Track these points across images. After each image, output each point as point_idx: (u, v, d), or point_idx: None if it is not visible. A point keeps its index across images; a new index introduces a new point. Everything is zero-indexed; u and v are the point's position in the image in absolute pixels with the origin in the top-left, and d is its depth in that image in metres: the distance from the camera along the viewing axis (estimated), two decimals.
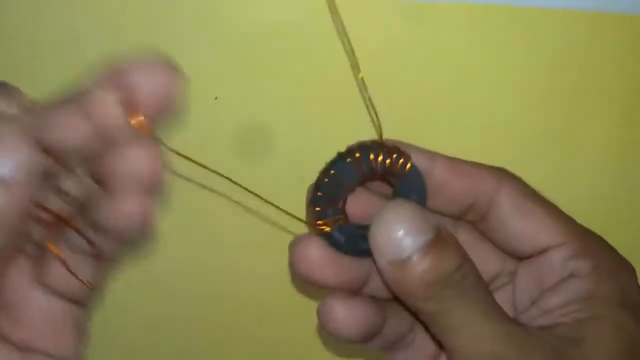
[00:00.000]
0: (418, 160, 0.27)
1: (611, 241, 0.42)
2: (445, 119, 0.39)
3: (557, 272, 0.27)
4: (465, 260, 0.25)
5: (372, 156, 0.26)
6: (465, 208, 0.28)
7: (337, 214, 0.27)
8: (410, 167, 0.26)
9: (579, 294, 0.26)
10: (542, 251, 0.27)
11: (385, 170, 0.26)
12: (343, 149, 0.39)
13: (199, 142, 0.38)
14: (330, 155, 0.39)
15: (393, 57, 0.37)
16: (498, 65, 0.38)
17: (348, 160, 0.26)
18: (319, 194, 0.26)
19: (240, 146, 0.38)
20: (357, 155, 0.26)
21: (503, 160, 0.40)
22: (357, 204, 0.28)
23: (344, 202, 0.27)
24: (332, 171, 0.26)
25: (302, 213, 0.40)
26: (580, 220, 0.36)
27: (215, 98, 0.37)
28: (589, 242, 0.27)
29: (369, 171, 0.26)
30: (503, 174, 0.28)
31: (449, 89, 0.38)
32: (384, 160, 0.26)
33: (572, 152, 0.40)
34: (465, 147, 0.39)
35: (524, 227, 0.27)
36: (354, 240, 0.26)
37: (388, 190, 0.28)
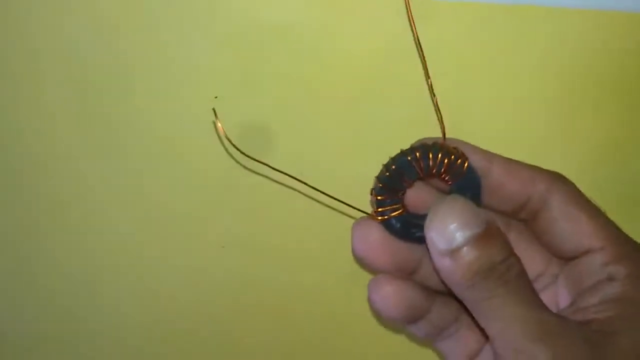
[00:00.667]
0: (476, 160, 0.29)
1: None
2: (446, 119, 0.39)
3: (595, 274, 0.28)
4: (510, 254, 0.27)
5: (431, 155, 0.28)
6: (518, 207, 0.30)
7: (395, 203, 0.29)
8: (467, 166, 0.29)
9: (613, 296, 0.27)
10: (584, 254, 0.29)
11: (444, 169, 0.29)
12: (342, 149, 0.39)
13: (199, 142, 0.38)
14: (330, 155, 0.39)
15: (393, 57, 0.37)
16: (498, 64, 0.38)
17: (409, 157, 0.29)
18: (379, 185, 0.29)
19: (240, 146, 0.38)
20: (418, 154, 0.28)
21: None
22: (417, 196, 0.31)
23: (403, 194, 0.30)
24: (393, 166, 0.29)
25: (303, 212, 0.40)
26: None
27: (215, 98, 0.37)
28: (627, 248, 0.29)
29: (427, 169, 0.29)
30: (556, 178, 0.30)
31: (449, 89, 0.38)
32: (442, 160, 0.29)
33: (572, 151, 0.40)
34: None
35: (569, 230, 0.29)
36: (408, 228, 0.29)
37: (446, 186, 0.30)
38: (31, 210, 0.38)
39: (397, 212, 0.29)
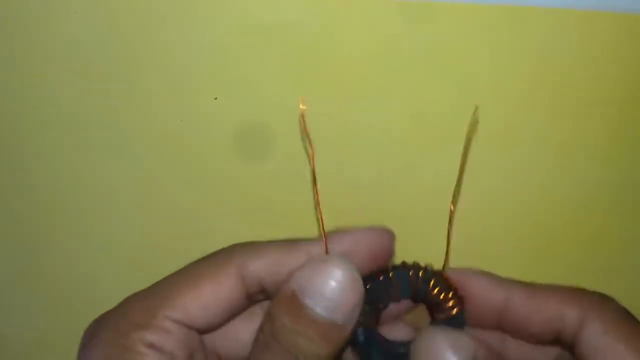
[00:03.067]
0: (492, 295, 0.27)
1: (611, 242, 0.42)
2: (445, 119, 0.39)
3: None
4: None
5: (432, 284, 0.27)
6: (550, 340, 0.27)
7: (368, 319, 0.27)
8: (458, 312, 0.27)
9: None
10: None
11: (435, 301, 0.27)
12: (342, 149, 0.39)
13: (199, 142, 0.38)
14: (330, 155, 0.39)
15: (393, 57, 0.37)
16: (497, 65, 0.38)
17: (402, 274, 0.27)
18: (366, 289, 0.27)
19: (240, 146, 0.38)
20: (410, 275, 0.27)
21: (503, 159, 0.40)
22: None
23: (385, 307, 0.28)
24: (369, 287, 0.27)
25: (303, 213, 0.40)
26: (578, 220, 0.35)
27: (215, 98, 0.37)
28: None
29: (419, 294, 0.27)
30: (589, 303, 0.27)
31: (448, 90, 0.38)
32: (437, 293, 0.27)
33: (571, 151, 0.40)
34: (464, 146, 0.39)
35: None
36: (371, 345, 0.27)
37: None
38: (33, 209, 0.38)
39: (364, 326, 0.27)
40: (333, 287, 0.24)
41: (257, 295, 0.27)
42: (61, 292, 0.40)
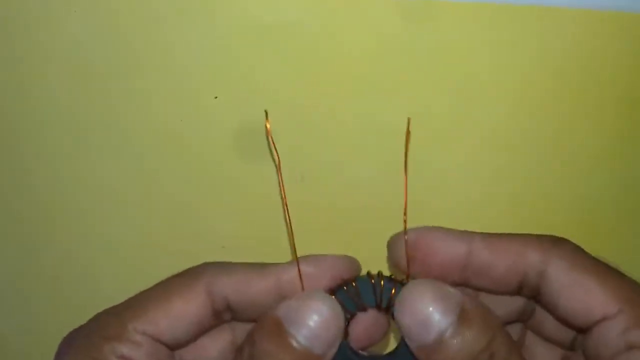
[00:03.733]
0: (453, 245, 0.27)
1: (611, 242, 0.42)
2: (445, 118, 0.39)
3: (613, 346, 0.25)
4: (494, 335, 0.25)
5: (393, 293, 0.27)
6: (515, 287, 0.27)
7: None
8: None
9: None
10: (599, 322, 0.25)
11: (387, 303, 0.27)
12: (342, 149, 0.39)
13: (199, 142, 0.38)
14: (330, 155, 0.39)
15: (393, 57, 0.37)
16: (498, 64, 0.38)
17: (349, 290, 0.27)
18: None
19: (240, 146, 0.38)
20: (373, 283, 0.27)
21: (502, 159, 0.40)
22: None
23: (351, 318, 0.28)
24: (334, 297, 0.27)
25: (301, 213, 0.40)
26: (579, 220, 0.35)
27: (215, 98, 0.37)
28: None
29: (382, 304, 0.27)
30: (549, 244, 0.27)
31: (448, 88, 0.38)
32: (387, 295, 0.27)
33: (572, 151, 0.40)
34: (465, 146, 0.39)
35: (574, 301, 0.26)
36: (342, 356, 0.27)
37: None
38: (33, 209, 0.38)
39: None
40: (316, 320, 0.25)
41: (224, 313, 0.28)
42: (61, 292, 0.40)
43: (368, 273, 0.28)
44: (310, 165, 0.38)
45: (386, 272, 0.28)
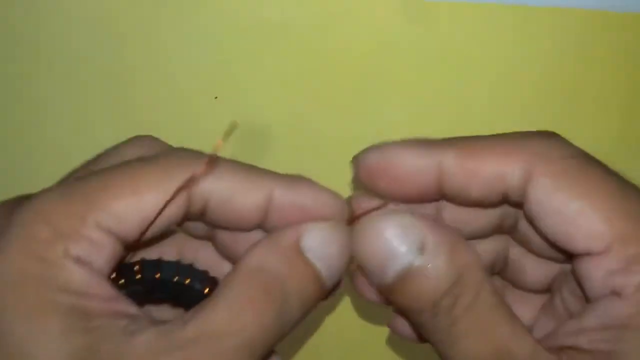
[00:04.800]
0: (421, 163, 0.23)
1: None
2: (445, 118, 0.39)
3: (596, 287, 0.21)
4: (461, 275, 0.21)
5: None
6: (497, 203, 0.23)
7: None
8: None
9: (615, 320, 0.20)
10: (581, 257, 0.22)
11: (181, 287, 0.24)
12: (342, 149, 0.39)
13: (199, 142, 0.38)
14: (330, 155, 0.39)
15: (393, 57, 0.37)
16: (497, 64, 0.38)
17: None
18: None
19: (240, 146, 0.38)
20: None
21: None
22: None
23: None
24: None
25: None
26: None
27: (215, 98, 0.37)
28: None
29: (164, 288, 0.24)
30: (532, 153, 0.22)
31: (448, 88, 0.38)
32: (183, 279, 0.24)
33: None
34: None
35: (557, 229, 0.22)
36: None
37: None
38: None
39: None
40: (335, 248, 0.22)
41: (195, 215, 0.23)
42: None
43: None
44: (310, 165, 0.38)
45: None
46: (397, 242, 0.22)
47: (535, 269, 0.26)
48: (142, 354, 0.19)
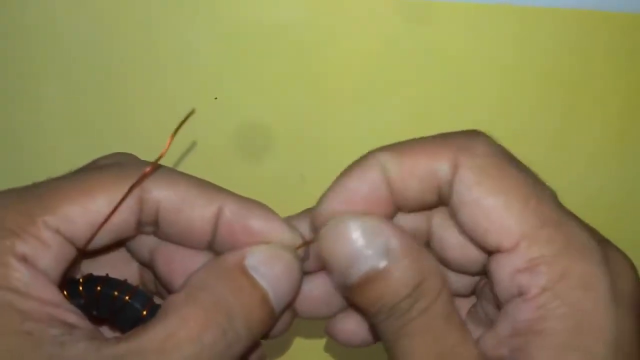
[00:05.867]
0: (370, 183, 0.23)
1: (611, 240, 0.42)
2: (445, 118, 0.39)
3: (505, 288, 0.21)
4: (423, 280, 0.22)
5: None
6: (436, 202, 0.23)
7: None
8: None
9: (522, 324, 0.20)
10: (493, 254, 0.22)
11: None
12: (342, 149, 0.39)
13: (199, 142, 0.38)
14: (330, 155, 0.39)
15: (393, 57, 0.37)
16: (497, 64, 0.38)
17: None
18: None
19: (240, 146, 0.38)
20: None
21: None
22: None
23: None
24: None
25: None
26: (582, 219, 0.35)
27: (215, 98, 0.37)
28: (553, 247, 0.20)
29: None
30: (458, 149, 0.22)
31: (448, 88, 0.38)
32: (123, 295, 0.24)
33: (571, 150, 0.40)
34: None
35: (473, 223, 0.22)
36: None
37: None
38: None
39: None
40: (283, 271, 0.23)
41: (146, 226, 0.23)
42: None
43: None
44: (310, 165, 0.38)
45: None
46: (362, 244, 0.22)
47: (456, 278, 0.25)
48: None
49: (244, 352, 0.22)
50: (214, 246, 0.23)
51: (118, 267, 0.25)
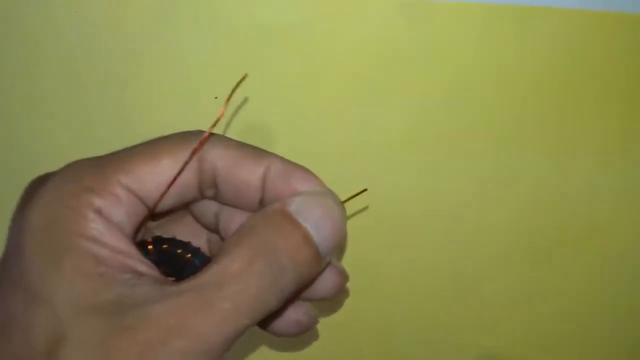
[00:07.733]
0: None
1: (610, 240, 0.42)
2: (445, 118, 0.39)
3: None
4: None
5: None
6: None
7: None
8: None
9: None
10: None
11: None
12: (342, 149, 0.39)
13: None
14: (330, 155, 0.39)
15: (393, 57, 0.37)
16: (498, 64, 0.38)
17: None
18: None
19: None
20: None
21: (502, 159, 0.40)
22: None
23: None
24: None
25: None
26: (578, 219, 0.35)
27: (216, 98, 0.37)
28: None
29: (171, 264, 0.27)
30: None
31: (448, 88, 0.38)
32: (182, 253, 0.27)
33: (571, 151, 0.40)
34: (464, 146, 0.39)
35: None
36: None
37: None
38: None
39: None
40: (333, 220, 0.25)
41: (208, 189, 0.26)
42: None
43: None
44: (310, 166, 0.38)
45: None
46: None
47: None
48: (139, 302, 0.21)
49: (293, 290, 0.24)
50: (264, 205, 0.26)
51: (186, 233, 0.28)
